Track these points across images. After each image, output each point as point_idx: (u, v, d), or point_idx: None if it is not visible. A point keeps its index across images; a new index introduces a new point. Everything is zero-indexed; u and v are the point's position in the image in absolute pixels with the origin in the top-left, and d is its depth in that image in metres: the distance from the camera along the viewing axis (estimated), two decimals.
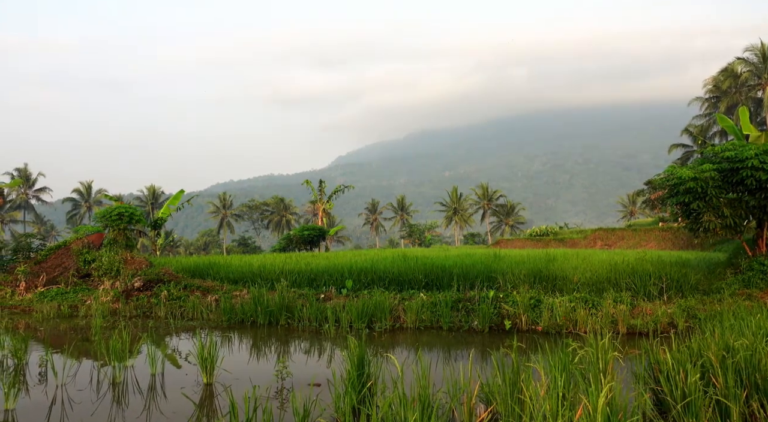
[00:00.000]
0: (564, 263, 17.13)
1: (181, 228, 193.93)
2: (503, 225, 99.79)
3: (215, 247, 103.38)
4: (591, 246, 44.99)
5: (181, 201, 33.63)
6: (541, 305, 12.72)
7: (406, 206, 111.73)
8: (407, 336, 12.17)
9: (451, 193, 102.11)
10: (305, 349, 11.37)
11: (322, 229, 45.85)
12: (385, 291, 14.92)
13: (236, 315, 14.49)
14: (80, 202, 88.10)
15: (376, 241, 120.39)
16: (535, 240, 50.38)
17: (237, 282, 18.33)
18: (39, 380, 8.55)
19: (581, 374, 5.92)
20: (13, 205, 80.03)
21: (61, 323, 14.95)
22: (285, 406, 6.99)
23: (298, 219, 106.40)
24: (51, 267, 20.58)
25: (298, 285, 17.00)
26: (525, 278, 15.07)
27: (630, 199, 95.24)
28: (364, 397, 6.31)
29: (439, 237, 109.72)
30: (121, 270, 19.00)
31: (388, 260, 18.93)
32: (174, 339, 12.41)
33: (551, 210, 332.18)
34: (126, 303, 16.77)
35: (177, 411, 6.95)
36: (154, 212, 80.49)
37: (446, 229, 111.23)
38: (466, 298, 13.67)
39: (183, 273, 19.22)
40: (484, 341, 11.45)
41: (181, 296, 16.72)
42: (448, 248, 44.83)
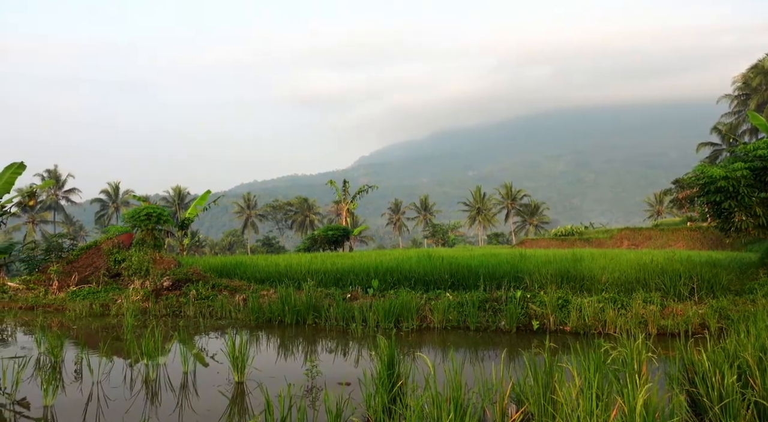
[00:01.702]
0: (591, 263, 16.97)
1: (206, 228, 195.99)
2: (527, 225, 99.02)
3: (240, 247, 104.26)
4: (617, 246, 44.46)
5: (207, 201, 33.98)
6: (569, 305, 12.62)
7: (429, 206, 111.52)
8: (434, 336, 12.17)
9: (474, 192, 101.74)
10: (333, 348, 11.42)
11: (347, 229, 45.99)
12: (411, 291, 14.94)
13: (264, 314, 14.62)
14: (108, 203, 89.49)
15: (399, 241, 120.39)
16: (560, 240, 49.93)
17: (263, 281, 18.48)
18: (75, 377, 8.72)
19: (614, 375, 5.87)
20: (44, 206, 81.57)
21: (93, 322, 15.23)
22: (315, 405, 7.04)
23: (321, 220, 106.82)
24: (82, 266, 20.97)
25: (324, 284, 17.08)
26: (552, 278, 14.97)
27: (657, 199, 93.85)
28: (395, 396, 6.33)
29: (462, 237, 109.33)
30: (151, 270, 19.28)
31: (413, 260, 18.93)
32: (204, 338, 12.56)
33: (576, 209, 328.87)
34: (156, 302, 17.01)
35: (210, 408, 7.04)
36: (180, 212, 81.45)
37: (470, 229, 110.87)
38: (492, 298, 13.63)
39: (210, 272, 19.45)
40: (512, 341, 11.40)
41: (209, 295, 16.92)
42: (472, 248, 44.65)
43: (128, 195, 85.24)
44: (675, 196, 60.36)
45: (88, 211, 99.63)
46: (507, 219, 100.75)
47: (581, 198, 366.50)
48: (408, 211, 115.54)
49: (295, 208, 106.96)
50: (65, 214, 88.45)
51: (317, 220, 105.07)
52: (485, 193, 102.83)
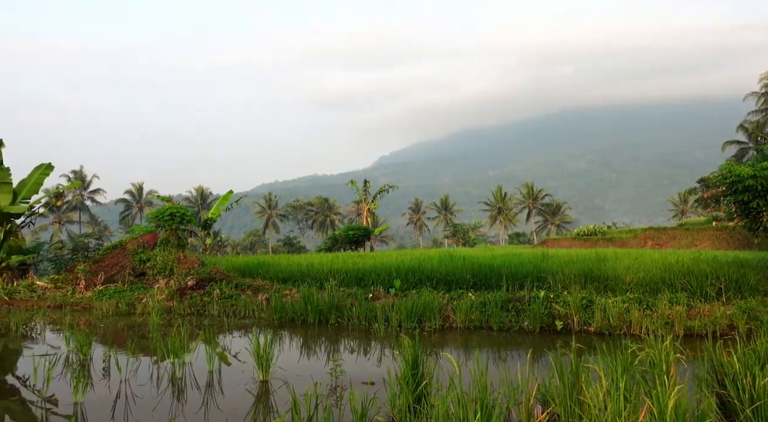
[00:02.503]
0: (615, 263, 16.80)
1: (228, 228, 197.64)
2: (549, 224, 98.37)
3: (261, 247, 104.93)
4: (641, 246, 43.94)
5: (230, 201, 34.27)
6: (593, 305, 12.51)
7: (449, 206, 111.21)
8: (457, 336, 12.15)
9: (495, 192, 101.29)
10: (356, 348, 11.46)
11: (367, 229, 46.07)
12: (433, 291, 14.91)
13: (287, 313, 14.71)
14: (132, 203, 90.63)
15: (420, 241, 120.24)
16: (583, 239, 49.47)
17: (286, 281, 18.59)
18: (103, 375, 8.86)
19: (642, 376, 5.81)
20: (70, 206, 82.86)
21: (119, 320, 15.45)
22: (339, 404, 7.06)
23: (342, 220, 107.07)
24: (108, 266, 21.28)
25: (346, 284, 17.13)
26: (575, 278, 14.85)
27: (681, 198, 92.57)
28: (419, 396, 6.33)
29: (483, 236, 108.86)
30: (175, 270, 19.50)
31: (434, 260, 18.90)
32: (228, 337, 12.68)
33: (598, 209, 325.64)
34: (180, 301, 17.20)
35: (235, 406, 7.10)
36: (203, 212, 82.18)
37: (490, 229, 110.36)
38: (515, 298, 13.56)
39: (233, 272, 19.62)
40: (536, 341, 11.34)
41: (232, 295, 17.07)
42: (494, 248, 44.44)
43: (152, 195, 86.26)
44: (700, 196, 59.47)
45: (112, 211, 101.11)
46: (528, 219, 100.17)
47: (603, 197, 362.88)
48: (429, 211, 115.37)
49: (315, 208, 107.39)
50: (90, 214, 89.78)
51: (338, 220, 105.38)
52: (506, 193, 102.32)
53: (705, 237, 42.89)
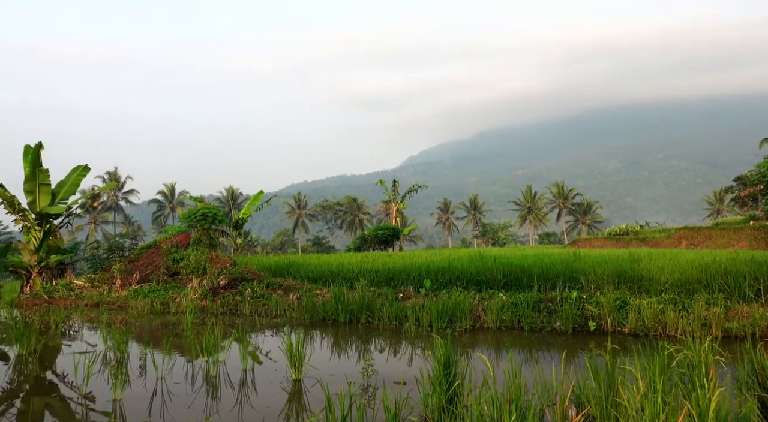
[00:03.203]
0: (649, 263, 16.53)
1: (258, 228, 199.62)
2: (580, 224, 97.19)
3: (291, 247, 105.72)
4: (675, 246, 43.12)
5: (260, 201, 34.60)
6: (627, 306, 12.32)
7: (478, 205, 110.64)
8: (488, 337, 12.08)
9: (524, 191, 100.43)
10: (387, 347, 11.47)
11: (396, 229, 46.07)
12: (463, 291, 14.86)
13: (318, 313, 14.80)
14: (164, 204, 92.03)
15: (449, 241, 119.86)
16: (615, 239, 48.74)
17: (316, 281, 18.72)
18: (139, 373, 9.03)
19: (680, 378, 5.71)
20: (105, 207, 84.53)
21: (154, 319, 15.73)
22: (371, 403, 7.08)
23: (370, 219, 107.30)
24: (143, 265, 21.68)
25: (377, 284, 17.17)
26: (608, 279, 14.66)
27: (717, 197, 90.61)
28: (452, 397, 6.31)
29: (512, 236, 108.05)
30: (208, 269, 19.77)
31: (464, 260, 18.84)
32: (260, 336, 12.81)
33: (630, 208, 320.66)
34: (213, 300, 17.44)
35: (269, 405, 7.16)
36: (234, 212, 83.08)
37: (520, 229, 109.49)
38: (547, 299, 13.44)
39: (264, 271, 19.82)
40: (568, 342, 11.21)
41: (264, 294, 17.24)
42: (524, 248, 44.06)
43: (184, 196, 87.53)
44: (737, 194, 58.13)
45: (145, 211, 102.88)
46: (559, 219, 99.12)
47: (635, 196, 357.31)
48: (457, 211, 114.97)
49: (344, 208, 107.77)
50: (124, 215, 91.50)
51: (366, 220, 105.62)
52: (536, 192, 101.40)
53: (742, 236, 41.89)
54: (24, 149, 23.41)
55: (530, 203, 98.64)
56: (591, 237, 55.22)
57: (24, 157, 23.28)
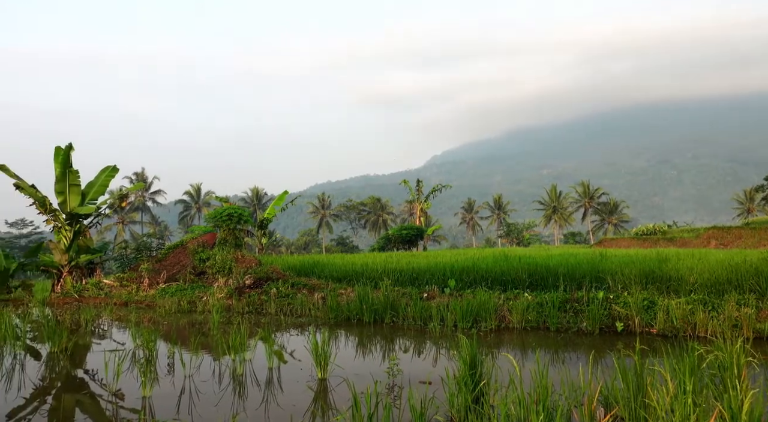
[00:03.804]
0: (678, 263, 16.29)
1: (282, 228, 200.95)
2: (606, 224, 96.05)
3: (315, 246, 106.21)
4: (704, 246, 42.38)
5: (285, 201, 34.82)
6: (655, 307, 12.16)
7: (503, 205, 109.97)
8: (513, 337, 12.01)
9: (549, 191, 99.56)
10: (412, 347, 11.47)
11: (420, 229, 46.02)
12: (488, 291, 14.79)
13: (342, 312, 14.85)
14: (191, 204, 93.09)
15: (473, 241, 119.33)
16: (642, 239, 48.10)
17: (341, 280, 18.78)
18: (167, 371, 9.15)
19: (710, 379, 5.62)
20: (132, 207, 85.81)
21: (181, 318, 15.93)
22: (397, 403, 7.08)
23: (394, 219, 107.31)
24: (170, 265, 21.97)
25: (401, 284, 17.18)
26: (636, 279, 14.48)
27: (747, 196, 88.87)
28: (477, 396, 6.29)
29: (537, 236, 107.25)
30: (233, 269, 19.96)
31: (489, 259, 18.76)
32: (285, 335, 12.89)
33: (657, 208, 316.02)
34: (239, 299, 17.61)
35: (295, 403, 7.21)
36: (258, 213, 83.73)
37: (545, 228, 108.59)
38: (573, 299, 13.31)
39: (289, 271, 19.95)
40: (595, 343, 11.10)
41: (289, 294, 17.36)
42: (549, 247, 43.69)
43: (209, 196, 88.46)
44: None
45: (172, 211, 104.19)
46: (584, 219, 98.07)
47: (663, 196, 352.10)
48: (481, 211, 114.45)
49: (368, 208, 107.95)
50: (151, 215, 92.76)
51: (390, 220, 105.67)
52: (561, 192, 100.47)
53: None
54: (55, 150, 23.87)
55: (555, 202, 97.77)
56: (617, 237, 54.57)
57: (55, 158, 23.74)
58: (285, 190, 34.87)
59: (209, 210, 73.30)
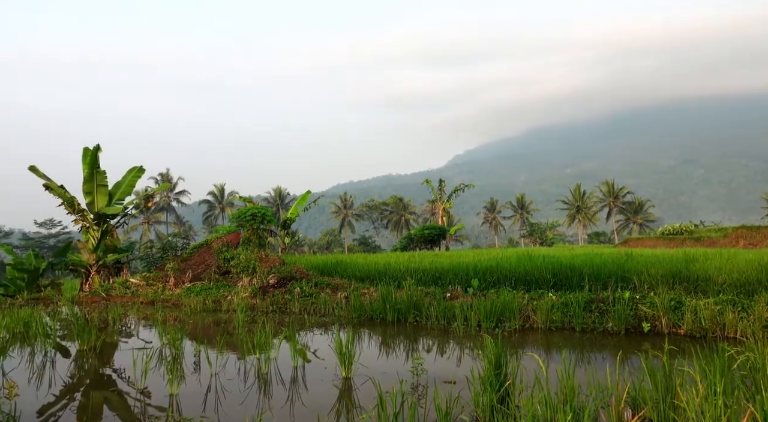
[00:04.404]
0: (705, 263, 16.03)
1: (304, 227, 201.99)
2: (631, 223, 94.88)
3: (337, 246, 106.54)
4: (732, 246, 41.59)
5: (307, 201, 34.99)
6: (682, 307, 11.98)
7: (525, 204, 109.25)
8: (538, 337, 11.93)
9: (573, 190, 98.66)
10: (435, 347, 11.46)
11: (443, 228, 45.92)
12: (512, 291, 14.71)
13: (365, 312, 14.88)
14: (215, 204, 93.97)
15: (495, 240, 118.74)
16: (668, 239, 47.39)
17: (363, 280, 18.81)
18: (194, 369, 9.26)
19: (741, 380, 5.53)
20: (157, 207, 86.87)
21: (206, 317, 16.09)
22: (421, 402, 7.07)
23: (416, 219, 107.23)
24: (195, 264, 22.21)
25: (424, 283, 17.15)
26: (662, 279, 14.28)
27: None
28: (502, 396, 6.27)
29: (560, 236, 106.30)
30: (257, 268, 20.11)
31: (512, 259, 18.65)
32: (309, 334, 12.96)
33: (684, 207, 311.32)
34: (263, 299, 17.74)
35: (320, 402, 7.25)
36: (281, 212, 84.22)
37: (569, 228, 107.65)
38: (598, 299, 13.17)
39: (312, 271, 20.04)
40: (621, 343, 10.98)
41: (312, 293, 17.44)
42: (573, 247, 43.28)
43: (233, 196, 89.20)
44: None
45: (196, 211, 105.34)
46: (609, 218, 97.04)
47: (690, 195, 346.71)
48: (504, 210, 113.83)
49: (390, 208, 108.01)
50: (176, 215, 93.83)
51: (412, 220, 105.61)
52: (585, 191, 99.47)
53: None
54: (83, 151, 24.26)
55: (579, 202, 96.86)
56: (643, 237, 53.85)
57: (83, 159, 24.13)
58: (308, 190, 35.05)
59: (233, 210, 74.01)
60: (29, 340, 12.27)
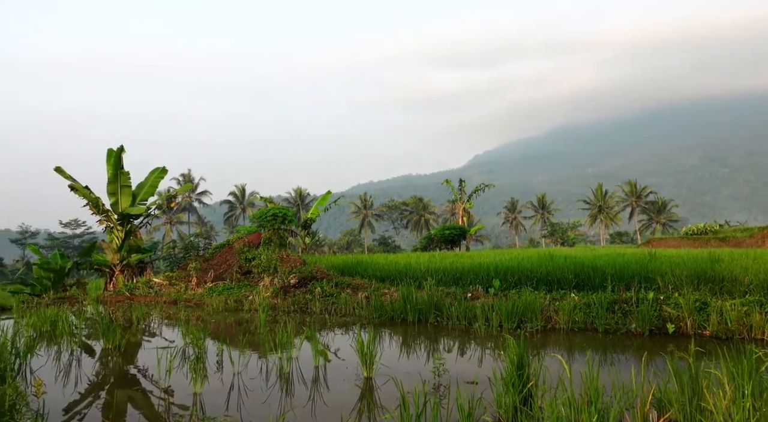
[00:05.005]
0: (731, 264, 15.78)
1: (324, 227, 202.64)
2: (654, 223, 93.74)
3: (357, 246, 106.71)
4: (759, 246, 40.90)
5: (328, 202, 35.08)
6: (708, 308, 11.80)
7: (546, 204, 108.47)
8: (560, 338, 11.83)
9: (595, 190, 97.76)
10: (456, 347, 11.42)
11: (463, 228, 45.76)
12: (534, 291, 14.62)
13: (386, 312, 14.89)
14: (236, 204, 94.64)
15: (516, 241, 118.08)
16: (692, 239, 46.74)
17: (384, 280, 18.82)
18: (216, 368, 9.33)
19: None
20: (179, 208, 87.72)
21: (228, 316, 16.22)
22: (443, 402, 7.06)
23: (436, 219, 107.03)
24: (217, 264, 22.40)
25: (444, 283, 17.11)
26: (687, 279, 14.08)
27: None
28: (525, 397, 6.23)
29: (582, 236, 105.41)
30: (278, 268, 20.22)
31: (533, 259, 18.53)
32: (330, 334, 12.99)
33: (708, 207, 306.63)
34: (284, 298, 17.83)
35: (341, 401, 7.27)
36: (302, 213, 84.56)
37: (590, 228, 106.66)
38: (622, 299, 13.03)
39: (333, 270, 20.10)
40: (645, 344, 10.84)
41: (333, 293, 17.48)
42: (595, 247, 42.87)
43: (254, 196, 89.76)
44: None
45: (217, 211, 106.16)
46: (631, 218, 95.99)
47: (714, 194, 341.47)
48: (525, 210, 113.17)
49: (410, 208, 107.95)
50: (198, 215, 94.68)
51: (432, 220, 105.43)
52: (607, 191, 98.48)
53: None
54: (107, 152, 24.59)
55: (601, 202, 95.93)
56: (666, 237, 53.19)
57: (107, 159, 24.45)
58: (328, 190, 35.16)
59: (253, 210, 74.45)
60: (56, 339, 12.47)
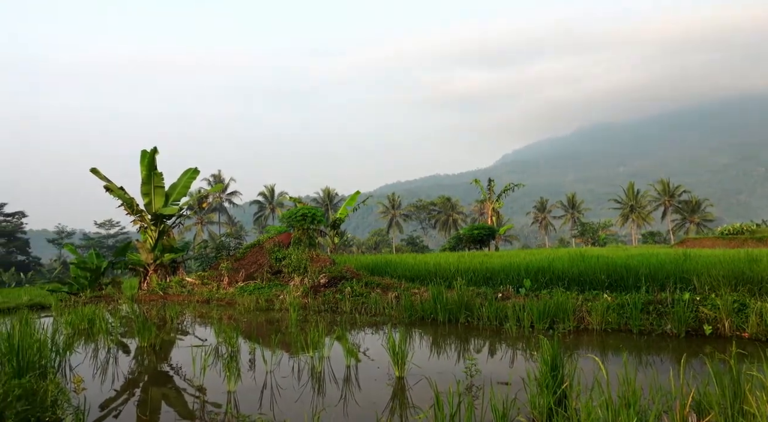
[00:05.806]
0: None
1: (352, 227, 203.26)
2: (687, 223, 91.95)
3: (385, 246, 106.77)
4: None
5: (356, 202, 35.18)
6: (746, 309, 11.52)
7: (576, 204, 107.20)
8: (593, 338, 11.68)
9: (627, 189, 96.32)
10: (487, 347, 11.34)
11: (492, 228, 45.48)
12: (565, 292, 14.45)
13: (416, 312, 14.86)
14: (265, 204, 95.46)
15: (545, 240, 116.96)
16: (728, 239, 45.71)
17: (413, 280, 18.79)
18: (249, 366, 9.43)
19: None
20: (210, 208, 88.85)
21: (259, 315, 16.37)
22: (476, 403, 7.02)
23: (464, 219, 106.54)
24: (248, 263, 22.62)
25: (474, 283, 17.02)
26: (723, 280, 13.77)
27: None
28: (559, 398, 6.16)
29: (613, 236, 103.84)
30: (308, 268, 20.33)
31: (565, 259, 18.32)
32: (361, 334, 13.02)
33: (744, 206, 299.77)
34: (314, 298, 17.94)
35: (374, 401, 7.27)
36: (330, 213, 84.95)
37: (621, 228, 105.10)
38: (656, 300, 12.80)
39: (362, 270, 20.14)
40: (681, 346, 10.64)
41: (363, 292, 17.53)
42: (627, 247, 42.21)
43: (283, 197, 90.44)
44: None
45: (247, 211, 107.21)
46: (664, 218, 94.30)
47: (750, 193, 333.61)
48: (554, 210, 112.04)
49: (438, 208, 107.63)
50: (228, 215, 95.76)
51: (460, 220, 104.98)
52: (638, 190, 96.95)
53: None
54: (141, 154, 25.01)
55: (632, 201, 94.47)
56: (701, 237, 52.09)
57: (141, 161, 24.87)
58: (357, 190, 35.27)
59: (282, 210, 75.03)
60: (93, 337, 12.74)
